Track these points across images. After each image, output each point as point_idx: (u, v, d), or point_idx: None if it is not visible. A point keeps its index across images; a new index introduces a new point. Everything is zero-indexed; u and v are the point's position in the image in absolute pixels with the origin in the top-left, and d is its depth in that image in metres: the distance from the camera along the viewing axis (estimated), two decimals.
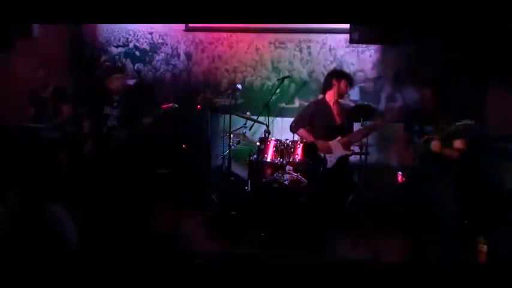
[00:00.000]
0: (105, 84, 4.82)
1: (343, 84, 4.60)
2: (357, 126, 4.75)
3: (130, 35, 6.24)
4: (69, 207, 2.17)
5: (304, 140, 4.61)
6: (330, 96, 4.65)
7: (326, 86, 4.68)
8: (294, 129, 4.73)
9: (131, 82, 5.84)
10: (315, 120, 4.67)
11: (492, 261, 3.46)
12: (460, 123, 3.44)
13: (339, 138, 4.53)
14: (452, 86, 4.86)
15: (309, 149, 4.56)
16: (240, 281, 2.32)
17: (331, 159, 4.53)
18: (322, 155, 4.56)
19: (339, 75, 4.64)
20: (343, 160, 4.57)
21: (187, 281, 2.27)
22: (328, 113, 4.61)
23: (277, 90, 5.18)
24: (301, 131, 4.69)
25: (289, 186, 4.34)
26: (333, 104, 4.64)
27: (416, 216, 3.74)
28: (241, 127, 5.16)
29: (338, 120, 4.61)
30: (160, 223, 3.93)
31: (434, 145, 3.59)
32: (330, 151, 4.53)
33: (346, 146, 4.54)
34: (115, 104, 4.76)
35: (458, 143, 3.63)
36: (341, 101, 4.75)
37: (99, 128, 4.73)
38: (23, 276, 1.94)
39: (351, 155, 4.59)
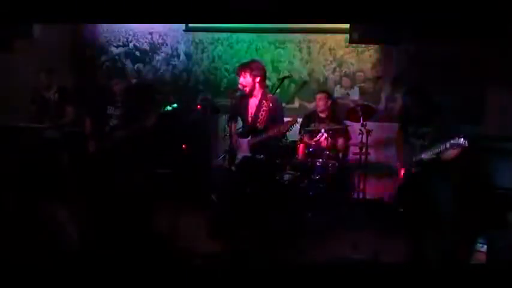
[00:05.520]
0: (108, 85, 4.83)
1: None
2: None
3: (130, 35, 6.24)
4: (70, 207, 2.17)
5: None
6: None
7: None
8: (228, 122, 4.49)
9: (132, 82, 5.85)
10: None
11: (492, 261, 3.46)
12: (454, 141, 3.36)
13: (249, 138, 4.26)
14: (449, 86, 4.88)
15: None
16: (240, 281, 2.32)
17: (238, 157, 4.31)
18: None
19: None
20: (247, 161, 4.25)
21: (187, 281, 2.27)
22: (244, 110, 4.31)
23: (277, 90, 5.16)
24: (233, 124, 4.44)
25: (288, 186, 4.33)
26: (257, 101, 4.22)
27: (416, 216, 3.74)
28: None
29: (252, 119, 4.24)
30: (160, 223, 3.92)
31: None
32: (237, 149, 4.29)
33: (251, 148, 4.21)
34: (118, 104, 4.76)
35: (453, 152, 3.53)
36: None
37: (102, 127, 4.75)
38: (23, 276, 1.94)
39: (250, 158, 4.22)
